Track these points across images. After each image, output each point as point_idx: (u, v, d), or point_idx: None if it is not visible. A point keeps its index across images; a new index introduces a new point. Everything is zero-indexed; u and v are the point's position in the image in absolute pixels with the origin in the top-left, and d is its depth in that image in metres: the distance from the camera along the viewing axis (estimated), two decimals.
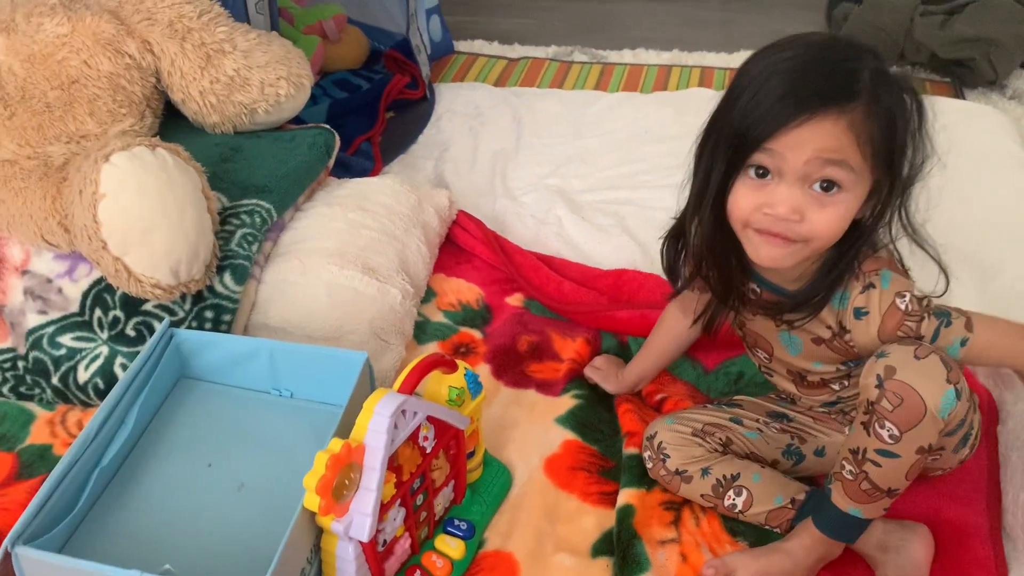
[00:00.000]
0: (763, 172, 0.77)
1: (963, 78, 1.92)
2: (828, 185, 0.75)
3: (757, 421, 1.00)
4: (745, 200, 0.78)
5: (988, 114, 1.73)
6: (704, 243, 0.87)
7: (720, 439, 0.98)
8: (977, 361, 0.85)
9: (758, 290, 0.90)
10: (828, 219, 0.76)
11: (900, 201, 0.80)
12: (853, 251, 0.81)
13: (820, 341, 0.88)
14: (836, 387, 0.95)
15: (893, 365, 0.78)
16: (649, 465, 0.98)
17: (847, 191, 0.75)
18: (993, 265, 1.30)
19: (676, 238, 0.94)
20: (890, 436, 0.78)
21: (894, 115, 0.75)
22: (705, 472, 0.95)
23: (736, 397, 1.05)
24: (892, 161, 0.76)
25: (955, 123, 1.68)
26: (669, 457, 0.96)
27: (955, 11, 1.93)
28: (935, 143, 0.79)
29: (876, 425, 0.79)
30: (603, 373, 1.14)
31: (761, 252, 0.80)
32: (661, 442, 0.97)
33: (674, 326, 1.07)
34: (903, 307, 0.81)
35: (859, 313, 0.82)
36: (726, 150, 0.78)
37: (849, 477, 0.83)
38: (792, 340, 0.91)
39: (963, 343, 0.81)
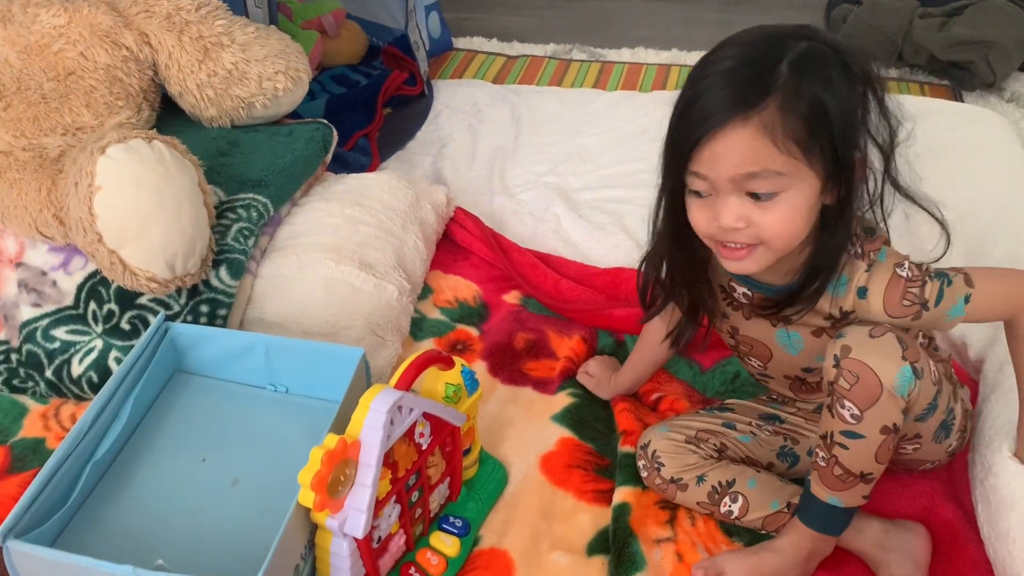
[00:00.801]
0: (700, 193, 0.78)
1: (962, 80, 1.93)
2: (758, 195, 0.74)
3: (750, 424, 1.00)
4: (699, 218, 0.79)
5: (986, 116, 1.73)
6: (669, 259, 0.89)
7: (714, 445, 0.97)
8: (984, 315, 0.83)
9: (749, 293, 0.89)
10: (774, 221, 0.75)
11: (885, 170, 0.79)
12: (839, 234, 0.79)
13: (821, 332, 0.87)
14: None
15: (849, 344, 0.78)
16: (644, 474, 0.98)
17: (784, 192, 0.74)
18: (993, 264, 1.29)
19: (652, 260, 0.93)
20: (852, 416, 0.79)
21: (820, 100, 0.72)
22: (700, 479, 0.94)
23: (728, 401, 1.05)
24: (834, 146, 0.73)
25: (954, 125, 1.71)
26: (664, 465, 0.96)
27: (954, 13, 1.94)
28: (902, 112, 0.79)
29: (838, 405, 0.79)
30: (596, 380, 1.14)
31: (729, 264, 0.80)
32: (655, 450, 0.97)
33: (657, 337, 1.06)
34: (904, 275, 0.80)
35: (862, 292, 0.81)
36: (669, 174, 0.80)
37: (822, 464, 0.83)
38: (791, 338, 0.90)
39: (967, 299, 0.80)
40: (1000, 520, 0.86)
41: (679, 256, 0.88)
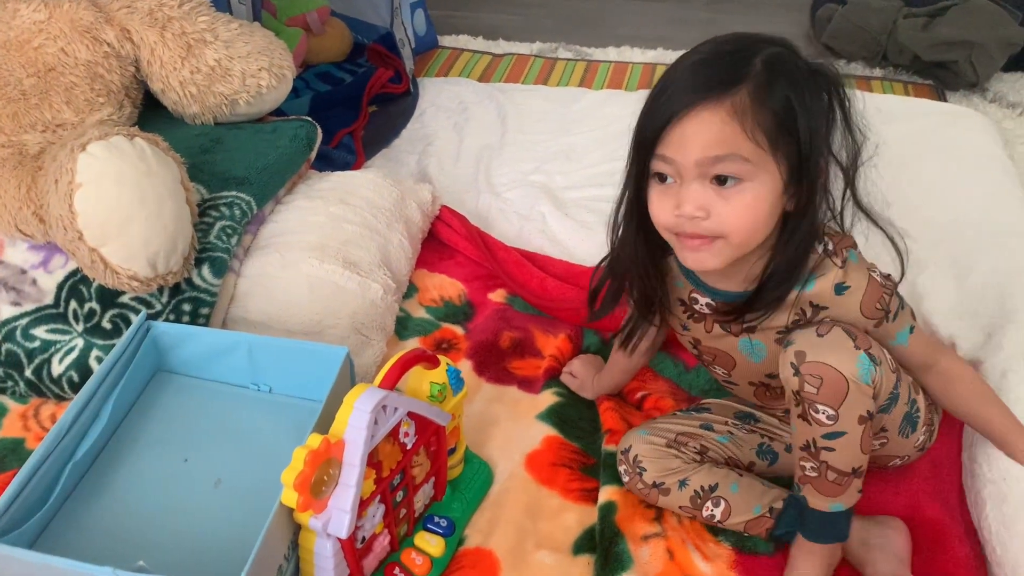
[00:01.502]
0: (665, 177, 0.78)
1: (945, 80, 1.94)
2: (724, 179, 0.74)
3: (726, 424, 1.00)
4: (659, 206, 0.79)
5: (969, 116, 1.74)
6: (627, 253, 0.88)
7: (695, 448, 0.97)
8: (911, 355, 0.85)
9: (713, 303, 0.88)
10: (735, 211, 0.74)
11: (847, 187, 0.79)
12: (798, 242, 0.78)
13: (786, 334, 0.84)
14: None
15: (801, 349, 0.79)
16: (625, 479, 0.97)
17: (748, 181, 0.74)
18: (976, 266, 1.30)
19: (613, 258, 0.93)
20: (828, 417, 0.79)
21: (790, 100, 0.72)
22: (683, 484, 0.94)
23: (704, 401, 1.04)
24: (799, 148, 0.73)
25: (937, 125, 1.72)
26: (645, 470, 0.95)
27: (937, 14, 1.95)
28: (869, 128, 0.79)
29: (811, 412, 0.79)
30: (579, 381, 1.13)
31: (687, 257, 0.80)
32: (636, 455, 0.96)
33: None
34: (879, 280, 0.81)
35: (841, 288, 0.80)
36: (635, 161, 0.80)
37: (814, 474, 0.83)
38: (754, 347, 0.89)
39: (911, 330, 0.83)
40: (1018, 522, 0.87)
41: (640, 249, 0.86)
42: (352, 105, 1.77)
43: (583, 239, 1.40)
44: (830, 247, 0.81)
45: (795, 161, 0.74)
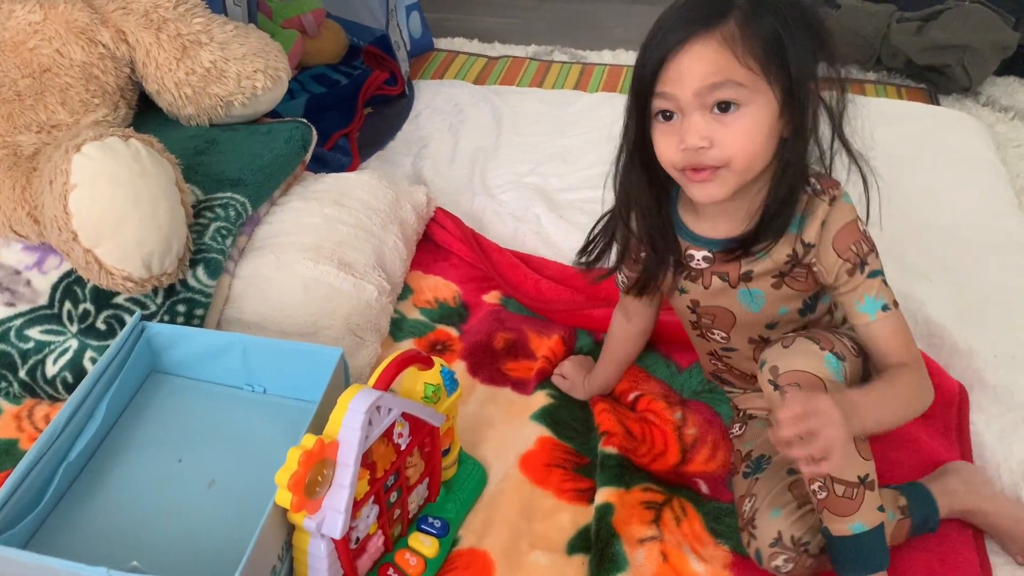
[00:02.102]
0: (668, 115, 0.80)
1: (938, 84, 1.95)
2: (725, 105, 0.77)
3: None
4: (664, 144, 0.81)
5: (962, 120, 1.75)
6: (632, 197, 0.89)
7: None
8: (880, 341, 0.83)
9: (711, 254, 0.89)
10: (736, 136, 0.77)
11: (815, 122, 0.81)
12: (793, 165, 0.81)
13: (781, 278, 0.87)
14: None
15: (774, 364, 0.82)
16: (788, 568, 0.86)
17: (747, 105, 0.77)
18: (967, 268, 1.31)
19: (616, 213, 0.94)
20: None
21: (778, 31, 0.75)
22: None
23: (741, 441, 1.01)
24: (789, 73, 0.76)
25: (930, 129, 1.73)
26: (810, 543, 0.86)
27: (930, 18, 1.95)
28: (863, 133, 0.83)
29: None
30: (570, 383, 1.14)
31: (696, 192, 0.82)
32: (792, 535, 0.86)
33: (619, 334, 1.09)
34: (862, 229, 0.83)
35: (823, 224, 0.82)
36: (635, 104, 0.82)
37: (823, 494, 0.81)
38: (753, 295, 0.90)
39: (884, 308, 0.82)
40: None
41: (645, 192, 0.88)
42: (347, 107, 1.77)
43: (578, 241, 1.37)
44: (818, 187, 0.83)
45: (787, 87, 0.77)
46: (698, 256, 0.90)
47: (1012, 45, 1.91)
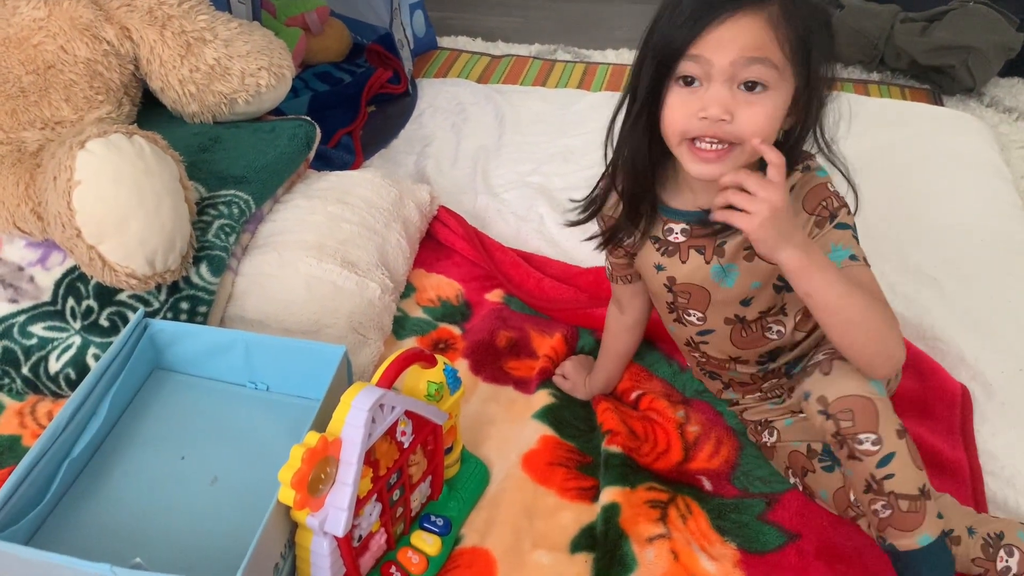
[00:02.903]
0: (691, 80, 0.79)
1: (942, 85, 1.95)
2: (752, 84, 0.77)
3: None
4: (679, 110, 0.79)
5: (966, 121, 1.75)
6: (628, 154, 0.88)
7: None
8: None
9: (688, 227, 0.90)
10: (756, 117, 0.77)
11: (816, 115, 0.82)
12: (787, 153, 0.81)
13: (752, 250, 0.86)
14: (774, 335, 0.94)
15: (821, 394, 0.82)
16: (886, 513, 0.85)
17: (772, 89, 0.77)
18: (971, 270, 1.31)
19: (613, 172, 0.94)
20: (873, 443, 0.79)
21: (810, 24, 0.77)
22: (971, 532, 0.88)
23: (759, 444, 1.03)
24: (810, 66, 0.78)
25: (934, 129, 1.72)
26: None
27: (935, 19, 1.95)
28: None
29: (856, 446, 0.80)
30: (571, 383, 1.14)
31: (695, 167, 0.81)
32: None
33: (614, 326, 1.10)
34: (831, 189, 0.84)
35: (791, 188, 0.83)
36: (655, 64, 0.80)
37: (888, 512, 0.80)
38: (727, 270, 0.90)
39: (852, 257, 0.82)
40: None
41: (642, 153, 0.87)
42: (351, 105, 1.77)
43: (580, 240, 1.40)
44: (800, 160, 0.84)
45: (803, 79, 0.78)
46: (676, 229, 0.91)
47: (1016, 46, 1.91)
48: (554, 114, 1.83)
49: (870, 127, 1.66)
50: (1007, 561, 0.86)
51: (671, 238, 0.92)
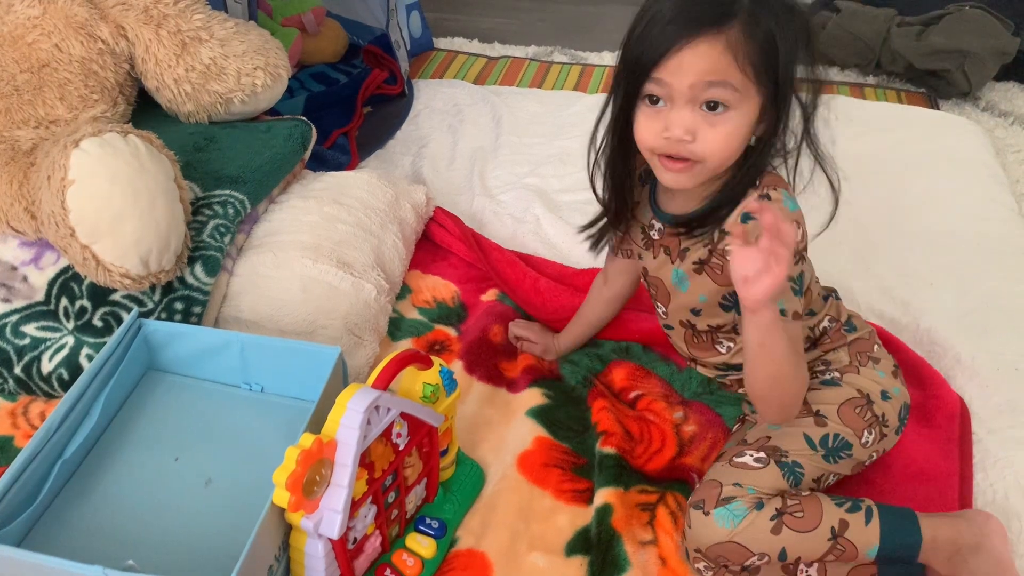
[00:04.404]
0: (656, 99, 0.81)
1: (938, 89, 1.95)
2: (714, 105, 0.78)
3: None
4: (646, 128, 0.82)
5: (961, 125, 1.75)
6: (606, 166, 0.93)
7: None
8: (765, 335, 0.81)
9: (662, 227, 0.94)
10: (719, 137, 0.79)
11: (786, 123, 0.82)
12: (748, 167, 0.84)
13: (701, 265, 0.90)
14: (723, 349, 0.96)
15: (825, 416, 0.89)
16: (708, 575, 0.88)
17: (734, 109, 0.78)
18: (967, 274, 1.31)
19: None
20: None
21: (774, 36, 0.77)
22: (762, 555, 0.86)
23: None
24: (777, 80, 0.78)
25: (929, 133, 1.73)
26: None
27: (931, 22, 1.96)
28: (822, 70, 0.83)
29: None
30: (542, 346, 1.18)
31: (666, 177, 0.84)
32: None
33: (595, 295, 1.16)
34: (800, 231, 0.83)
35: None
36: (624, 82, 0.83)
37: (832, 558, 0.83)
38: (680, 275, 0.93)
39: (782, 312, 0.81)
40: None
41: (618, 163, 0.91)
42: (347, 106, 1.76)
43: (577, 242, 1.39)
44: (757, 183, 0.84)
45: (771, 92, 0.79)
46: (656, 226, 0.95)
47: (1012, 51, 1.91)
48: (550, 116, 1.83)
49: (866, 131, 1.66)
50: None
51: (652, 233, 0.96)
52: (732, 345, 0.96)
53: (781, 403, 0.84)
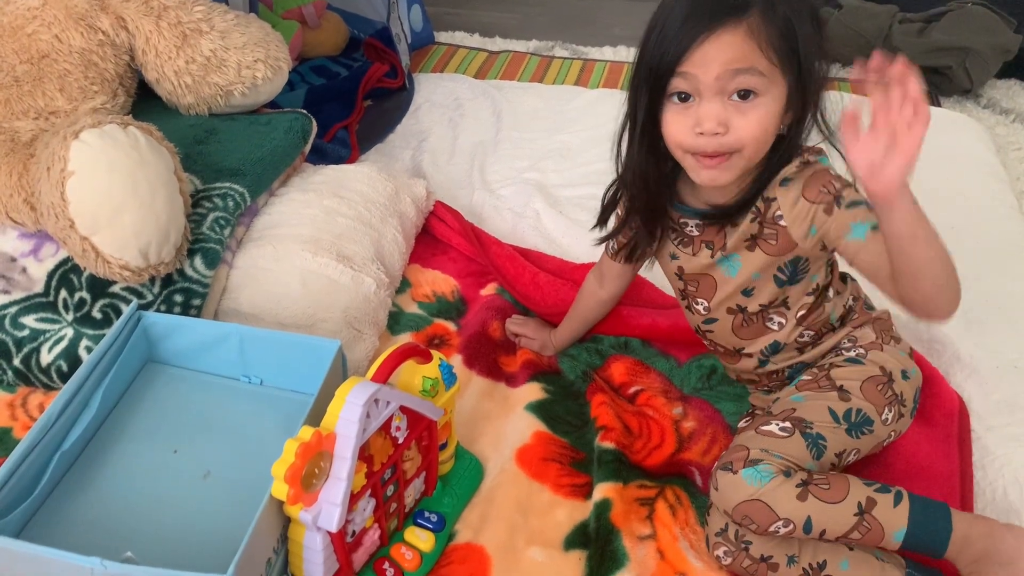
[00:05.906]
0: (684, 96, 0.82)
1: (939, 86, 1.95)
2: (744, 93, 0.79)
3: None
4: (676, 126, 0.83)
5: (963, 122, 1.75)
6: (637, 174, 0.91)
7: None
8: (872, 258, 0.82)
9: (701, 222, 0.94)
10: (751, 124, 0.80)
11: (815, 106, 0.83)
12: (782, 152, 0.85)
13: (753, 240, 0.90)
14: (774, 326, 0.96)
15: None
16: (727, 561, 0.88)
17: (763, 95, 0.80)
18: (968, 272, 1.30)
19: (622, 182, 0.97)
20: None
21: (791, 21, 0.78)
22: (791, 560, 0.85)
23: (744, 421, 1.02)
24: (799, 63, 0.80)
25: (930, 131, 1.71)
26: (752, 544, 0.86)
27: (932, 19, 1.96)
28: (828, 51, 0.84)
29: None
30: (539, 342, 1.18)
31: (702, 175, 0.85)
32: (738, 529, 0.87)
33: (589, 296, 1.15)
34: (830, 170, 0.85)
35: (784, 181, 0.85)
36: (648, 83, 0.83)
37: (857, 535, 0.82)
38: (730, 261, 0.93)
39: (874, 227, 0.81)
40: None
41: (651, 172, 0.91)
42: (347, 99, 1.76)
43: (577, 237, 1.39)
44: (801, 152, 0.86)
45: (795, 77, 0.80)
46: (691, 224, 0.94)
47: (1013, 48, 1.91)
48: (551, 110, 1.82)
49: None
50: None
51: (687, 230, 0.96)
52: (783, 321, 0.95)
53: (953, 282, 0.80)
